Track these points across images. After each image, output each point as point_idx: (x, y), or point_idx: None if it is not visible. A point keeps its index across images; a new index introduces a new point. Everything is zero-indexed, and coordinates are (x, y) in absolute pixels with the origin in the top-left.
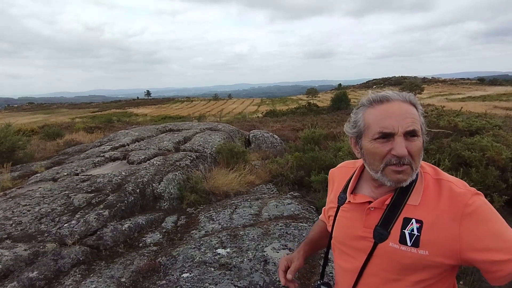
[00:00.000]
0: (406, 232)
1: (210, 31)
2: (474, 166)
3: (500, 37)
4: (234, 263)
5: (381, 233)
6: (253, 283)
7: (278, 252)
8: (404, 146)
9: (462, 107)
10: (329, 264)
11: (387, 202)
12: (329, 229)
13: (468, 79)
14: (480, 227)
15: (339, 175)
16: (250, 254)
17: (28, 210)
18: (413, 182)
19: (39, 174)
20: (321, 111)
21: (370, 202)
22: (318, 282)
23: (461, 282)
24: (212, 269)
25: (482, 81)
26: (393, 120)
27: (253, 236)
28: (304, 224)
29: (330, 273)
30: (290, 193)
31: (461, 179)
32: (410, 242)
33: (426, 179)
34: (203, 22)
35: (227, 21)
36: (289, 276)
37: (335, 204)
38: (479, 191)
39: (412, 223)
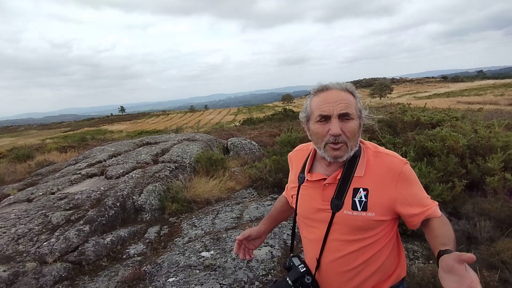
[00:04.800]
0: (356, 200)
1: (183, 43)
2: (437, 155)
3: (458, 36)
4: (219, 263)
5: (337, 204)
6: (238, 280)
7: (260, 250)
8: (338, 127)
9: (426, 104)
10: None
11: (338, 177)
12: (293, 206)
13: (433, 77)
14: (407, 189)
15: (296, 157)
16: (234, 254)
17: (4, 232)
18: (358, 157)
19: (12, 196)
20: (297, 116)
21: (325, 179)
22: (290, 255)
23: (431, 261)
24: (197, 271)
25: (445, 78)
26: (329, 105)
27: (236, 237)
28: (284, 222)
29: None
30: (270, 195)
31: (426, 167)
32: (360, 207)
33: (367, 153)
34: (175, 35)
35: (199, 32)
36: (238, 236)
37: (296, 183)
38: (407, 160)
39: (360, 191)
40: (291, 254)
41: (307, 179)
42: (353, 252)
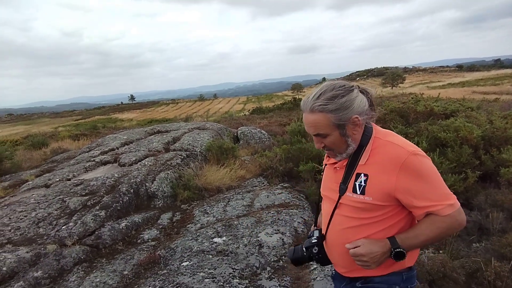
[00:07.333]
0: (357, 183)
1: (192, 31)
2: (450, 146)
3: (476, 24)
4: (231, 249)
5: (343, 188)
6: (250, 265)
7: (271, 237)
8: (317, 143)
9: (439, 93)
10: None
11: (345, 163)
12: None
13: (447, 66)
14: (411, 180)
15: None
16: (245, 240)
17: (25, 216)
18: (364, 146)
19: (30, 182)
20: None
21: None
22: (314, 228)
23: (440, 251)
24: (210, 256)
25: (460, 68)
26: (306, 127)
27: (247, 225)
28: (295, 211)
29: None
30: (280, 184)
31: (438, 158)
32: (359, 191)
33: (374, 142)
34: (184, 23)
35: (209, 20)
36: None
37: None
38: (419, 152)
39: (361, 176)
40: (315, 228)
41: (325, 163)
42: (352, 228)
